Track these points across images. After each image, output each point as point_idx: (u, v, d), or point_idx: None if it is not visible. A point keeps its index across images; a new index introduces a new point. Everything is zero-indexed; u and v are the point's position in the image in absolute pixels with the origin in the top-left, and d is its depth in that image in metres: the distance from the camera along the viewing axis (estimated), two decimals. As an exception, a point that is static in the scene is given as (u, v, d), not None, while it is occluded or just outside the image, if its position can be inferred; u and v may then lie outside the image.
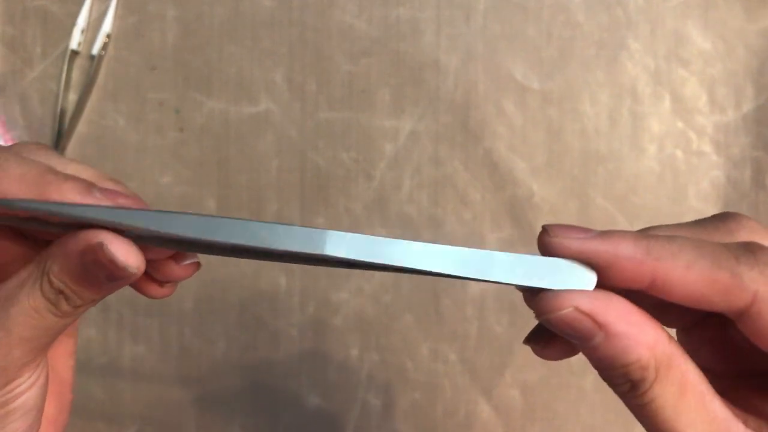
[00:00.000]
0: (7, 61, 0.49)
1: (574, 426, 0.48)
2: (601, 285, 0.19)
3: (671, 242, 0.19)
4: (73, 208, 0.19)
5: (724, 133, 0.49)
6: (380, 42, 0.49)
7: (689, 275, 0.18)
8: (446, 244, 0.19)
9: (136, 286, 0.23)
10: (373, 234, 0.20)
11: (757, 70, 0.49)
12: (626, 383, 0.19)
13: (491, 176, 0.48)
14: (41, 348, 0.22)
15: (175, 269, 0.23)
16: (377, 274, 0.48)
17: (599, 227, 0.20)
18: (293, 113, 0.49)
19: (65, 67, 0.48)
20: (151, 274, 0.22)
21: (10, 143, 0.48)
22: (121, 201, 0.20)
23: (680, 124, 0.49)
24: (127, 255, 0.20)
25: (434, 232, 0.48)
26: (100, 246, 0.19)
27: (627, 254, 0.18)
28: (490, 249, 0.20)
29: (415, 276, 0.49)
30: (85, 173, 0.22)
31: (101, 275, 0.20)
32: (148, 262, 0.21)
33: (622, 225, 0.47)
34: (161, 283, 0.23)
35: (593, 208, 0.48)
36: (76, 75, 0.49)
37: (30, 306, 0.21)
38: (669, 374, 0.19)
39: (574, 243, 0.19)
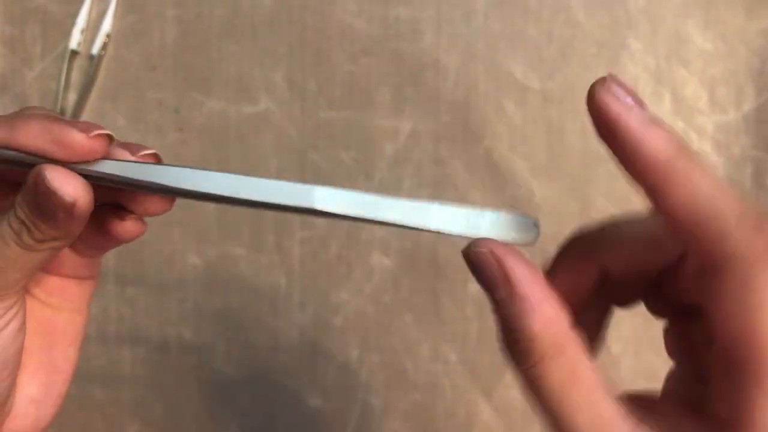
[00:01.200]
0: (6, 61, 0.49)
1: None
2: None
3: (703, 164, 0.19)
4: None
5: (725, 133, 0.48)
6: (380, 42, 0.49)
7: (699, 195, 0.19)
8: (430, 201, 0.21)
9: (103, 229, 0.23)
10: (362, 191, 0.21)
11: (758, 70, 0.48)
12: (515, 352, 0.19)
13: (491, 176, 0.48)
14: (8, 284, 0.22)
15: (151, 200, 0.23)
16: (377, 273, 0.48)
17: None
18: (293, 113, 0.49)
19: (65, 67, 0.48)
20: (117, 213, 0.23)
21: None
22: (81, 125, 0.21)
23: (681, 124, 0.48)
24: (63, 182, 0.20)
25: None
26: (40, 174, 0.20)
27: (655, 148, 0.19)
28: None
29: (415, 275, 0.49)
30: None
31: (48, 205, 0.21)
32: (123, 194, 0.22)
33: (623, 225, 0.47)
34: (122, 217, 0.23)
35: (594, 208, 0.48)
36: (76, 75, 0.49)
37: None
38: (558, 359, 0.19)
39: (615, 105, 0.20)
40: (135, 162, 0.21)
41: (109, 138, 0.21)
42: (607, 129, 0.19)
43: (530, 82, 0.48)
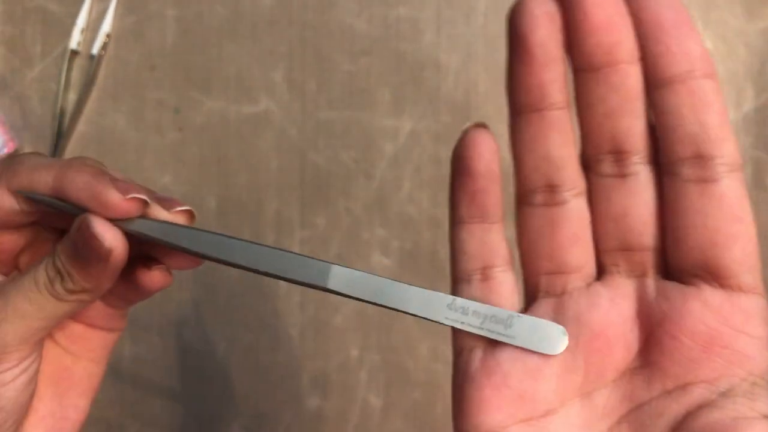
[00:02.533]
0: (6, 61, 0.49)
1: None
2: None
3: None
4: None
5: (725, 133, 0.48)
6: (380, 42, 0.49)
7: None
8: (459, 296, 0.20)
9: (132, 279, 0.24)
10: (373, 275, 0.21)
11: (758, 71, 0.48)
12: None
13: (491, 176, 0.48)
14: (30, 331, 0.23)
15: (178, 258, 0.24)
16: (377, 273, 0.48)
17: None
18: (293, 113, 0.49)
19: (65, 67, 0.48)
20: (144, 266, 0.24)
21: (9, 143, 0.48)
22: (121, 185, 0.22)
23: (681, 124, 0.49)
24: (104, 229, 0.21)
25: (434, 232, 0.48)
26: (85, 220, 0.21)
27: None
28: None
29: (415, 275, 0.49)
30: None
31: (87, 250, 0.21)
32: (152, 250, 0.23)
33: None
34: (150, 267, 0.24)
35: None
36: (76, 75, 0.49)
37: (32, 278, 0.22)
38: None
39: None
40: (166, 223, 0.22)
41: (144, 202, 0.22)
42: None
43: (530, 82, 0.48)
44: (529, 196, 0.20)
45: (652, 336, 0.19)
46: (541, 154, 0.19)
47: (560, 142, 0.19)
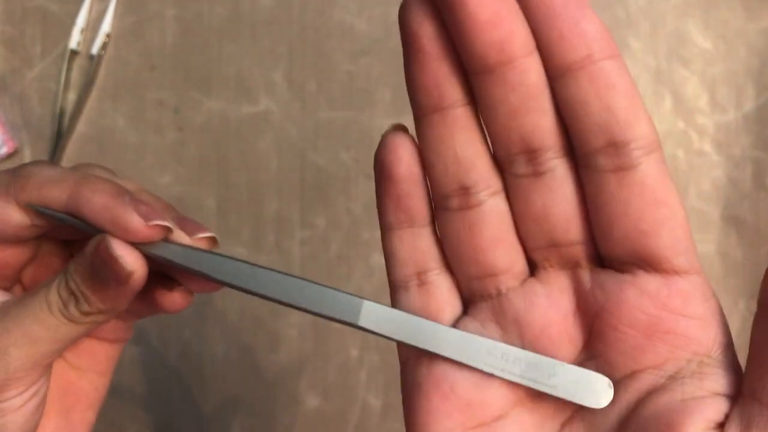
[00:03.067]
0: (6, 61, 0.49)
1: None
2: None
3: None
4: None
5: (725, 133, 0.48)
6: (380, 41, 0.48)
7: None
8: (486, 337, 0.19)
9: (149, 298, 0.23)
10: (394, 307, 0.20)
11: (758, 70, 0.48)
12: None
13: (491, 176, 0.48)
14: (40, 356, 0.22)
15: (200, 283, 0.24)
16: (377, 273, 0.48)
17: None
18: (293, 113, 0.49)
19: (65, 67, 0.48)
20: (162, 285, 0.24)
21: (9, 143, 0.48)
22: (142, 208, 0.21)
23: (681, 124, 0.48)
24: (125, 252, 0.21)
25: (434, 232, 0.48)
26: (103, 240, 0.21)
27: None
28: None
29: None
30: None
31: (106, 272, 0.21)
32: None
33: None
34: (171, 288, 0.23)
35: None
36: (76, 75, 0.49)
37: (44, 300, 0.21)
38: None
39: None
40: (188, 248, 0.21)
41: (167, 230, 0.21)
42: None
43: (530, 82, 0.48)
44: (444, 201, 0.19)
45: (594, 328, 0.19)
46: (449, 155, 0.19)
47: (466, 141, 0.18)
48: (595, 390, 0.19)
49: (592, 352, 0.19)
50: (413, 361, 0.20)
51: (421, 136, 0.19)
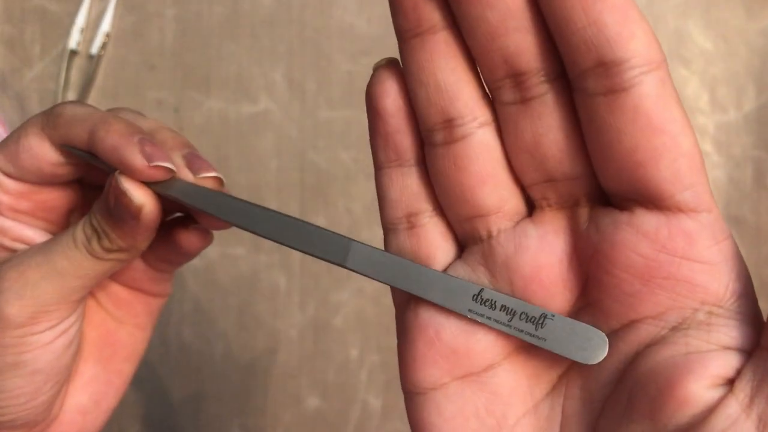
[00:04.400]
0: (6, 61, 0.49)
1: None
2: None
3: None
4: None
5: (726, 133, 0.48)
6: (380, 41, 0.48)
7: None
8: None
9: (171, 240, 0.24)
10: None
11: (759, 70, 0.48)
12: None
13: (492, 176, 0.48)
14: (69, 290, 0.23)
15: (210, 220, 0.24)
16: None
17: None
18: (293, 113, 0.49)
19: (64, 67, 0.48)
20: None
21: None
22: (147, 148, 0.21)
23: (681, 124, 0.48)
24: (132, 186, 0.21)
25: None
26: (114, 178, 0.21)
27: None
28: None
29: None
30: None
31: (119, 208, 0.21)
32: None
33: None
34: (188, 226, 0.24)
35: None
36: (75, 74, 0.49)
37: (71, 237, 0.22)
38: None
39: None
40: (193, 187, 0.22)
41: (169, 170, 0.22)
42: None
43: (530, 82, 0.48)
44: (430, 135, 0.18)
45: (589, 273, 0.17)
46: (430, 83, 0.17)
47: (448, 67, 0.17)
48: (587, 344, 0.17)
49: (588, 300, 0.17)
50: (404, 305, 0.19)
51: (405, 65, 0.18)
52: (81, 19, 0.48)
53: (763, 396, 0.15)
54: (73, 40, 0.48)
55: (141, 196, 0.21)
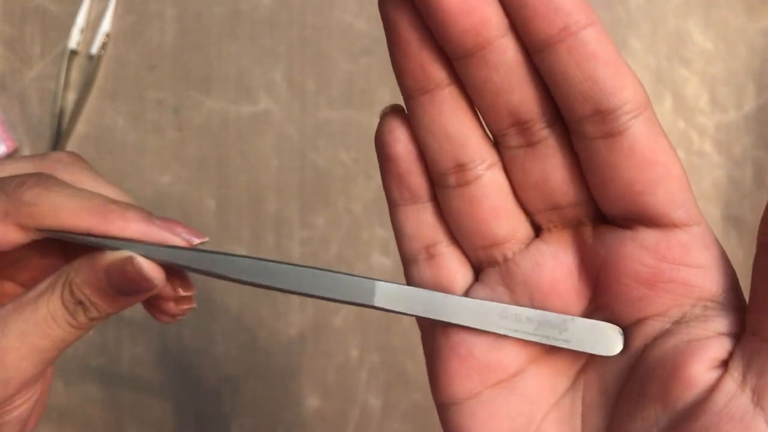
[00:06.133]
0: (6, 61, 0.49)
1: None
2: None
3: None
4: (141, 246, 0.21)
5: (726, 133, 0.48)
6: (380, 41, 0.48)
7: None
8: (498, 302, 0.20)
9: (151, 308, 0.24)
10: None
11: (759, 70, 0.48)
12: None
13: (492, 176, 0.48)
14: (48, 362, 0.23)
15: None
16: (377, 273, 0.48)
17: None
18: (293, 113, 0.49)
19: (64, 67, 0.48)
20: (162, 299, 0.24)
21: (9, 143, 0.48)
22: (179, 230, 0.22)
23: (681, 124, 0.48)
24: (152, 268, 0.21)
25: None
26: (131, 260, 0.21)
27: None
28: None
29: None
30: (124, 199, 0.24)
31: (124, 287, 0.21)
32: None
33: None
34: (178, 302, 0.25)
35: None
36: (75, 74, 0.49)
37: (48, 313, 0.22)
38: None
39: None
40: (201, 252, 0.22)
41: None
42: None
43: (530, 82, 0.48)
44: (442, 179, 0.20)
45: (599, 282, 0.19)
46: (441, 134, 0.19)
47: (456, 119, 0.19)
48: (606, 339, 0.19)
49: (599, 304, 0.20)
50: (431, 329, 0.21)
51: (413, 118, 0.19)
52: (81, 19, 0.48)
53: (753, 372, 0.17)
54: (73, 40, 0.48)
55: (161, 277, 0.22)
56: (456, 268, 0.21)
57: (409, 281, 0.21)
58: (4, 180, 0.22)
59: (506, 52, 0.17)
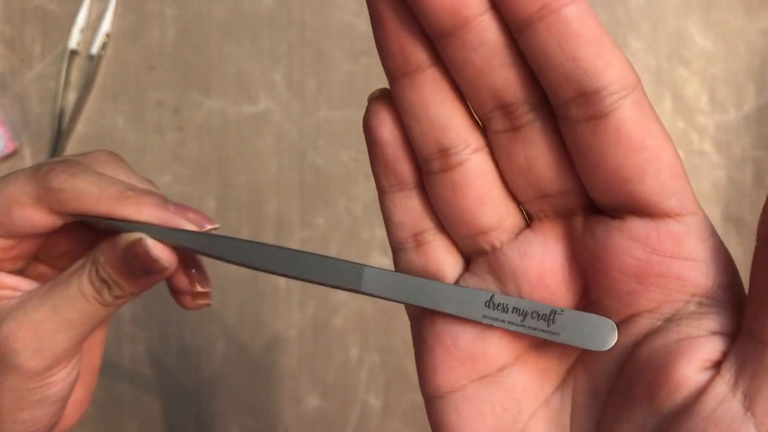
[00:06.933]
0: (6, 61, 0.49)
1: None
2: None
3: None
4: (150, 228, 0.23)
5: (726, 133, 0.48)
6: (380, 41, 0.48)
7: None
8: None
9: (175, 294, 0.26)
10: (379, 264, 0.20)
11: (759, 70, 0.48)
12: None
13: (492, 176, 0.48)
14: (81, 336, 0.24)
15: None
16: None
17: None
18: (293, 113, 0.49)
19: (64, 67, 0.48)
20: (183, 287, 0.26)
21: (9, 143, 0.48)
22: (191, 215, 0.23)
23: (681, 124, 0.48)
24: (161, 250, 0.22)
25: (434, 232, 0.48)
26: (140, 241, 0.22)
27: None
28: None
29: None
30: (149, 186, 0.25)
31: (138, 267, 0.23)
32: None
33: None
34: (194, 296, 0.26)
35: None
36: (76, 75, 0.49)
37: (78, 289, 0.23)
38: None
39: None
40: (202, 235, 0.23)
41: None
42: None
43: (530, 82, 0.48)
44: (427, 164, 0.19)
45: (588, 275, 0.19)
46: (423, 117, 0.18)
47: (438, 101, 0.18)
48: (598, 333, 0.18)
49: (590, 299, 0.19)
50: (419, 317, 0.21)
51: (397, 102, 0.19)
52: (81, 19, 0.49)
53: (746, 375, 0.16)
54: (74, 40, 0.48)
55: (169, 259, 0.23)
56: (444, 257, 0.20)
57: (398, 269, 0.21)
58: (36, 167, 0.23)
59: (486, 32, 0.17)
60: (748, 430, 0.16)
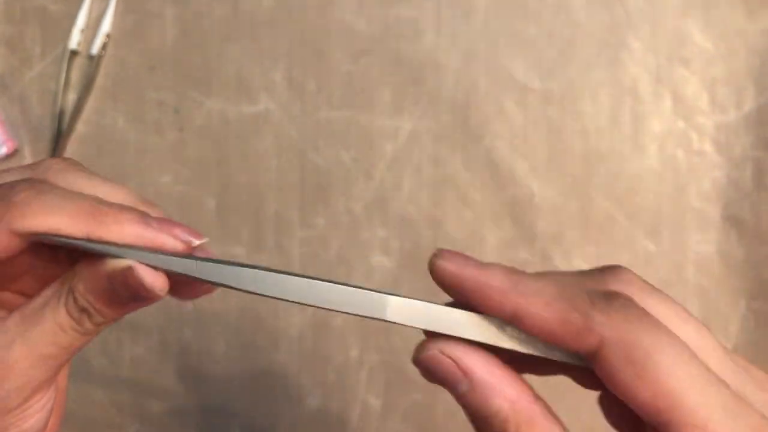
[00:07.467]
0: (6, 61, 0.49)
1: (574, 428, 0.48)
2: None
3: (537, 280, 0.20)
4: (138, 252, 0.21)
5: (726, 133, 0.48)
6: (380, 41, 0.48)
7: (546, 312, 0.19)
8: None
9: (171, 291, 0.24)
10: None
11: (759, 70, 0.48)
12: None
13: (492, 176, 0.48)
14: (58, 368, 0.23)
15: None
16: (377, 273, 0.48)
17: (600, 227, 0.20)
18: (293, 113, 0.49)
19: (64, 67, 0.48)
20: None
21: (9, 142, 0.48)
22: (176, 231, 0.21)
23: (681, 124, 0.48)
24: (154, 278, 0.21)
25: (434, 233, 0.48)
26: (130, 269, 0.20)
27: (495, 284, 0.20)
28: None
29: (415, 275, 0.48)
30: (125, 196, 0.23)
31: (127, 295, 0.21)
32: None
33: (623, 225, 0.47)
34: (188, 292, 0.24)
35: (594, 208, 0.48)
36: (76, 75, 0.49)
37: (54, 323, 0.22)
38: None
39: (451, 266, 0.20)
40: (210, 261, 0.21)
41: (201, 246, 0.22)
42: (455, 288, 0.20)
43: (530, 82, 0.48)
44: None
45: None
46: None
47: None
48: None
49: None
50: None
51: None
52: (81, 20, 0.49)
53: None
54: (74, 41, 0.48)
55: (163, 286, 0.21)
56: None
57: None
58: None
59: None
60: None
